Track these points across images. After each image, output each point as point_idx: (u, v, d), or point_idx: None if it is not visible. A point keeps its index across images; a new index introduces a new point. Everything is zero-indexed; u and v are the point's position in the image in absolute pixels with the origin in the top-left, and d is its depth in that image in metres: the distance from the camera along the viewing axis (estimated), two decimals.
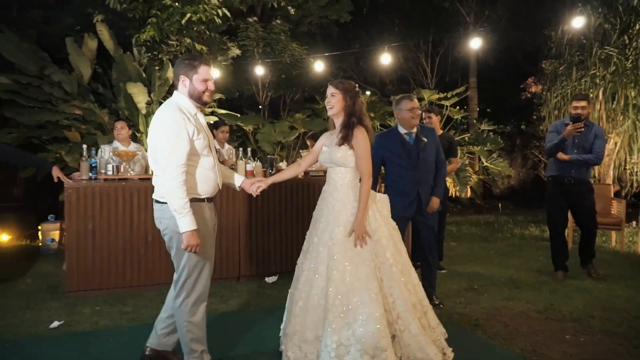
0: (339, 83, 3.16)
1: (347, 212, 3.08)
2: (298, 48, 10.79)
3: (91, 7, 8.22)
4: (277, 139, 8.52)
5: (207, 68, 2.85)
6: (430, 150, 4.24)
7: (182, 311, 2.86)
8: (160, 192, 2.80)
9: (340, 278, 2.95)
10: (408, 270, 3.17)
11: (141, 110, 7.70)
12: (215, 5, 7.37)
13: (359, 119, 3.11)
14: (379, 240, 3.08)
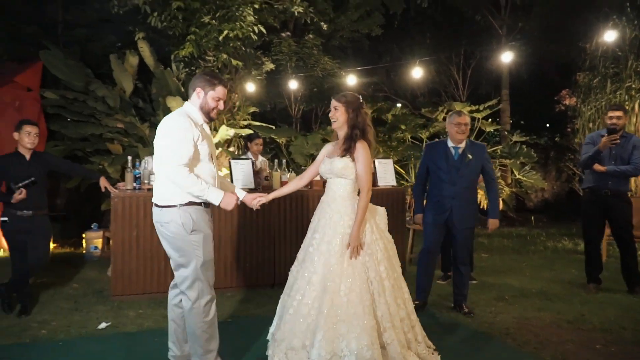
0: (341, 96, 3.22)
1: (344, 223, 3.12)
2: (330, 62, 11.00)
3: (132, 25, 8.61)
4: (309, 151, 8.70)
5: (224, 90, 3.01)
6: (474, 167, 4.33)
7: (196, 313, 2.92)
8: (161, 195, 2.91)
9: (336, 289, 2.99)
10: (400, 285, 3.21)
11: None
12: (251, 22, 7.63)
13: (362, 131, 3.16)
14: (374, 254, 3.11)
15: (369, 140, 3.19)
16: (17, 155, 4.38)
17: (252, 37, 7.90)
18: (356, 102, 3.20)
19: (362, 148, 3.13)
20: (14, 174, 4.25)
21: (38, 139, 4.42)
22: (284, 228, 5.30)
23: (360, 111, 3.18)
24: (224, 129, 8.12)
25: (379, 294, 3.06)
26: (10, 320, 4.18)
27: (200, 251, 2.92)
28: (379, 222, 3.28)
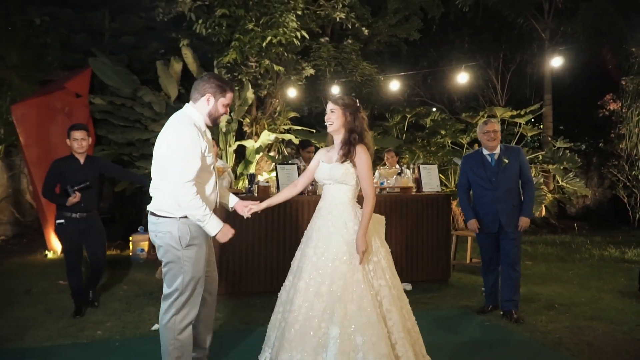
0: (338, 99, 3.09)
1: (349, 230, 2.98)
2: (369, 67, 11.00)
3: (175, 32, 8.82)
4: None
5: (232, 96, 2.97)
6: (512, 171, 4.41)
7: (170, 328, 2.80)
8: (160, 206, 2.80)
9: (348, 298, 2.84)
10: (401, 294, 3.06)
11: (221, 128, 8.13)
12: (294, 28, 7.71)
13: (359, 135, 3.02)
14: (379, 262, 2.99)
15: (367, 144, 3.06)
16: (72, 159, 4.50)
17: (294, 43, 7.99)
18: (353, 105, 3.07)
19: (363, 152, 3.00)
20: (69, 177, 4.39)
21: (87, 143, 4.51)
22: None
23: (357, 115, 3.05)
24: (266, 134, 8.22)
25: (388, 304, 2.91)
26: (66, 321, 4.32)
27: (189, 267, 2.79)
28: (378, 230, 3.16)
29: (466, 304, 4.92)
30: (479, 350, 3.75)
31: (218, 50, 8.15)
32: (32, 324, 4.27)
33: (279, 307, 3.09)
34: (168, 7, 8.31)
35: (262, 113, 9.09)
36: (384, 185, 5.75)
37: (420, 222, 5.65)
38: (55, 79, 8.22)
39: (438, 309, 4.81)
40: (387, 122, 11.17)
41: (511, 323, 4.30)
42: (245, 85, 8.20)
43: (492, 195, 4.40)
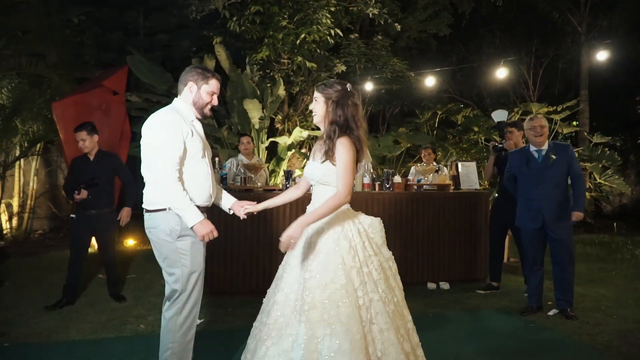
0: (322, 85, 2.68)
1: (329, 238, 2.56)
2: (399, 63, 10.89)
3: (208, 30, 8.87)
4: (381, 152, 8.65)
5: (217, 84, 2.79)
6: (559, 167, 4.34)
7: (171, 330, 2.65)
8: (150, 199, 2.67)
9: (319, 317, 2.39)
10: (402, 311, 2.63)
11: (254, 125, 8.15)
12: (328, 25, 7.67)
13: (343, 127, 2.58)
14: (370, 273, 2.54)
15: (358, 137, 2.61)
16: (84, 157, 4.60)
17: (328, 40, 7.96)
18: (339, 92, 2.62)
19: (342, 145, 2.53)
20: (78, 174, 4.50)
21: (90, 143, 4.53)
22: None
23: (343, 103, 2.60)
24: (297, 131, 8.21)
25: (380, 323, 2.45)
26: (109, 314, 4.38)
27: (187, 260, 2.64)
28: (372, 235, 2.67)
29: (507, 305, 4.83)
30: (524, 353, 3.66)
31: (251, 47, 8.18)
32: (76, 316, 4.34)
33: (260, 315, 2.75)
34: (201, 5, 8.36)
35: (294, 110, 9.08)
36: (421, 183, 5.68)
37: (458, 220, 5.56)
38: (92, 77, 8.36)
39: (478, 309, 4.72)
40: (418, 118, 11.04)
41: (557, 325, 4.21)
42: (278, 82, 8.20)
43: (538, 192, 4.34)
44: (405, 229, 5.39)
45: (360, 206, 5.20)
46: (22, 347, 3.64)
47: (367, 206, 5.27)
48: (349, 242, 2.54)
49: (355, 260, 2.51)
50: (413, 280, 5.41)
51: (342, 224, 2.59)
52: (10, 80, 7.31)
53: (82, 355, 3.52)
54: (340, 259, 2.50)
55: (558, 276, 4.40)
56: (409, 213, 5.40)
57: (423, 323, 4.22)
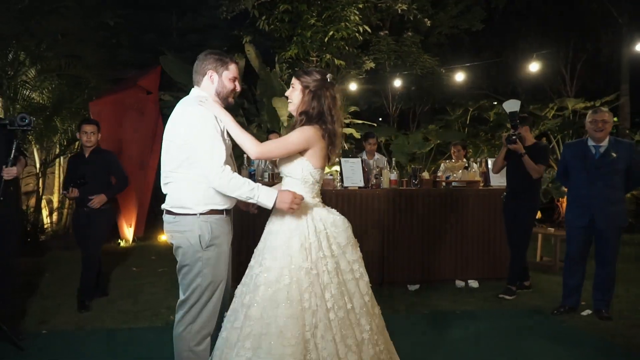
0: (301, 72, 2.52)
1: (283, 235, 2.39)
2: (430, 59, 10.79)
3: (238, 29, 9.01)
4: (410, 150, 8.60)
5: (236, 67, 2.57)
6: (617, 166, 4.13)
7: (185, 338, 2.46)
8: (177, 202, 2.44)
9: (259, 315, 2.28)
10: (357, 320, 2.36)
11: (283, 123, 8.23)
12: (356, 22, 7.68)
13: (315, 119, 2.43)
14: (318, 275, 2.33)
15: (332, 130, 2.44)
16: (79, 155, 4.56)
17: (356, 37, 7.97)
18: (317, 82, 2.46)
19: (299, 130, 2.41)
20: (74, 172, 4.45)
21: (96, 138, 4.46)
22: (393, 225, 5.27)
23: (321, 93, 2.45)
24: None
25: (323, 330, 2.27)
26: (142, 305, 4.52)
27: (208, 270, 2.43)
28: (335, 235, 2.43)
29: (539, 304, 4.73)
30: (554, 353, 3.60)
31: (280, 45, 8.26)
32: (111, 307, 4.49)
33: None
34: (232, 5, 8.50)
35: None
36: (450, 179, 5.63)
37: (488, 217, 5.49)
38: (127, 77, 8.60)
39: (508, 307, 4.65)
40: (449, 115, 10.93)
41: (591, 325, 4.12)
42: None
43: (590, 189, 4.17)
44: (433, 226, 5.35)
45: (387, 203, 5.23)
46: (58, 334, 3.80)
47: (395, 202, 5.27)
48: (302, 240, 2.36)
49: (307, 260, 2.32)
50: (440, 277, 5.37)
51: (298, 220, 2.40)
52: (51, 81, 7.58)
53: (115, 343, 3.65)
54: (289, 258, 2.33)
55: (600, 276, 4.26)
56: (436, 209, 5.36)
57: (449, 321, 4.23)
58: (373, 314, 2.45)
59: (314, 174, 2.46)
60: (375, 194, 5.24)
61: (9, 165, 3.38)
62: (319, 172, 2.47)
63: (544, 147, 5.15)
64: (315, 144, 2.42)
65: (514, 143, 4.72)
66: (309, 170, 2.44)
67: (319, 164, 2.47)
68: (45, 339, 3.73)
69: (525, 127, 4.98)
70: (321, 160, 2.47)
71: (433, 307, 4.62)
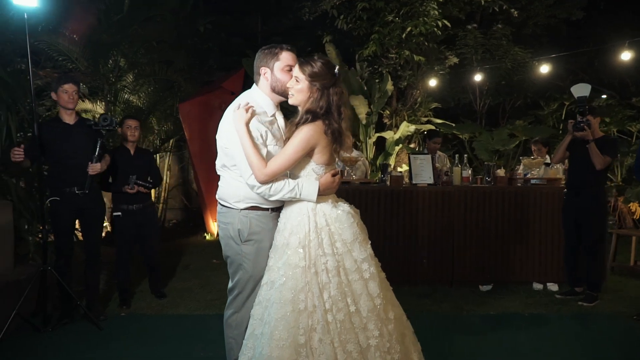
0: (307, 64, 2.31)
1: (284, 233, 2.33)
2: (521, 52, 10.27)
3: (321, 29, 9.17)
4: (494, 147, 8.24)
5: (290, 55, 2.42)
6: None
7: (230, 325, 2.53)
8: (221, 194, 2.50)
9: (260, 315, 2.30)
10: (363, 324, 2.20)
11: (361, 120, 8.27)
12: (435, 17, 7.53)
13: (320, 116, 2.30)
14: (317, 274, 2.21)
15: (337, 129, 2.30)
16: (123, 149, 4.51)
17: (435, 32, 7.81)
18: (326, 74, 2.29)
19: (302, 131, 2.27)
20: (121, 166, 4.38)
21: (139, 133, 4.51)
22: (464, 223, 5.12)
23: (329, 90, 2.30)
24: (405, 125, 8.16)
25: (321, 333, 2.15)
26: (214, 294, 4.79)
27: (249, 264, 2.44)
28: (340, 232, 2.28)
29: (623, 310, 4.37)
30: None
31: (359, 44, 8.30)
32: (187, 295, 4.82)
33: None
34: (314, 6, 8.67)
35: (403, 105, 9.02)
36: (528, 177, 5.35)
37: None
38: (213, 80, 9.10)
39: (589, 313, 4.35)
40: (542, 110, 10.32)
41: None
42: (385, 77, 8.22)
43: None
44: (508, 225, 5.13)
45: (458, 200, 5.09)
46: (136, 317, 4.17)
47: (466, 200, 5.11)
48: (300, 238, 2.26)
49: (304, 259, 2.22)
50: (516, 279, 5.13)
51: (300, 217, 2.31)
52: (149, 85, 8.24)
53: (185, 328, 3.93)
54: (286, 256, 2.27)
55: None
56: (512, 208, 5.12)
57: (515, 323, 4.08)
58: (386, 319, 2.25)
59: (317, 170, 2.36)
60: (445, 192, 5.13)
61: (93, 162, 3.76)
62: (323, 169, 2.36)
63: (612, 140, 4.76)
64: (318, 142, 2.31)
65: (581, 130, 4.37)
66: (311, 167, 2.36)
67: (322, 160, 2.36)
68: (123, 320, 4.11)
69: (597, 118, 4.61)
70: (326, 157, 2.36)
71: (503, 308, 4.45)
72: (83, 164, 3.74)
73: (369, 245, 2.35)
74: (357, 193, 5.08)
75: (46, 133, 3.71)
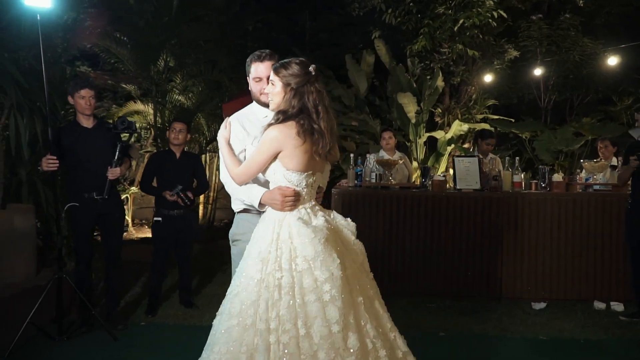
0: (280, 68, 2.17)
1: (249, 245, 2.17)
2: (590, 43, 9.44)
3: (372, 25, 8.84)
4: (557, 147, 7.58)
5: (258, 65, 2.40)
6: None
7: None
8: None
9: (216, 324, 2.18)
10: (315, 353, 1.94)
11: (411, 119, 7.86)
12: (491, 7, 7.00)
13: (291, 116, 2.13)
14: (267, 289, 2.02)
15: (315, 128, 2.12)
16: (169, 153, 4.38)
17: (491, 24, 7.29)
18: (300, 78, 2.14)
19: (267, 131, 2.14)
20: (166, 171, 4.27)
21: (184, 136, 4.34)
22: (514, 234, 4.65)
23: (306, 90, 2.14)
24: (457, 124, 7.68)
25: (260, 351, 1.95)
26: None
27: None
28: (302, 247, 2.04)
29: None
30: None
31: (408, 39, 7.91)
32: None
33: None
34: (363, 1, 8.36)
35: (456, 102, 8.51)
36: (590, 182, 4.78)
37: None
38: None
39: None
40: (614, 106, 9.44)
41: None
42: (436, 73, 7.77)
43: None
44: (565, 236, 4.61)
45: (507, 208, 4.62)
46: (156, 326, 4.03)
47: (517, 208, 4.64)
48: (260, 249, 2.10)
49: (260, 271, 2.05)
50: (574, 296, 4.60)
51: (264, 225, 2.17)
52: (197, 85, 8.26)
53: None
54: (245, 265, 2.13)
55: None
56: (569, 217, 4.59)
57: (568, 349, 3.59)
58: (344, 349, 1.95)
59: (288, 176, 2.16)
60: (493, 198, 4.68)
61: (113, 166, 3.66)
62: (296, 175, 2.16)
63: None
64: (285, 144, 2.12)
65: None
66: (281, 172, 2.16)
67: (293, 165, 2.15)
68: (143, 329, 3.98)
69: None
70: (297, 161, 2.14)
71: (556, 331, 3.95)
72: (102, 168, 3.64)
73: (335, 265, 2.02)
74: (394, 199, 4.74)
75: (64, 137, 3.65)
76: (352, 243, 2.23)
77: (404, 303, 4.49)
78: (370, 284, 2.23)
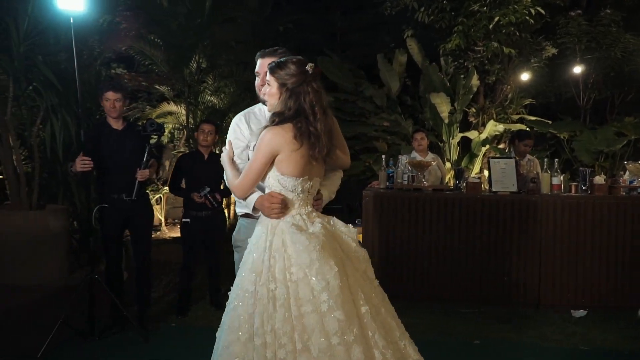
0: (276, 66, 2.09)
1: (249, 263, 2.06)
2: (633, 39, 9.07)
3: (405, 24, 8.70)
4: (597, 147, 7.29)
5: (259, 59, 2.39)
6: None
7: None
8: None
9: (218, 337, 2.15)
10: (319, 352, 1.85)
11: (444, 119, 7.71)
12: (528, 4, 6.79)
13: (288, 118, 2.05)
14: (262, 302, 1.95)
15: (311, 130, 2.03)
16: (197, 154, 4.38)
17: (528, 21, 7.07)
18: (295, 78, 2.06)
19: (262, 135, 2.06)
20: (194, 172, 4.27)
21: (212, 138, 4.31)
22: (553, 238, 4.47)
23: (302, 90, 2.06)
24: (492, 124, 7.49)
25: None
26: None
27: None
28: (296, 255, 1.96)
29: None
30: None
31: (442, 37, 7.75)
32: None
33: None
34: (396, 0, 8.23)
35: (491, 102, 8.29)
36: (634, 184, 4.56)
37: None
38: None
39: None
40: None
41: None
42: (470, 72, 7.58)
43: None
44: (607, 240, 4.43)
45: (546, 211, 4.45)
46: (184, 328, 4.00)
47: (555, 211, 4.47)
48: (254, 259, 2.04)
49: (254, 284, 1.99)
50: (617, 304, 4.41)
51: (258, 232, 2.11)
52: (230, 87, 8.31)
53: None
54: (241, 277, 2.08)
55: None
56: (611, 221, 4.41)
57: (606, 358, 3.44)
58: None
59: (282, 181, 2.09)
60: (531, 201, 4.51)
61: (142, 168, 3.67)
62: (291, 180, 2.08)
63: None
64: (281, 147, 2.05)
65: None
66: (275, 177, 2.10)
67: (289, 170, 2.07)
68: (172, 330, 3.97)
69: None
70: (293, 165, 2.07)
71: (598, 341, 3.78)
72: (131, 170, 3.66)
73: (332, 274, 1.92)
74: (427, 201, 4.63)
75: (93, 138, 3.67)
76: (353, 250, 2.13)
77: (437, 309, 4.38)
78: (374, 292, 2.12)
